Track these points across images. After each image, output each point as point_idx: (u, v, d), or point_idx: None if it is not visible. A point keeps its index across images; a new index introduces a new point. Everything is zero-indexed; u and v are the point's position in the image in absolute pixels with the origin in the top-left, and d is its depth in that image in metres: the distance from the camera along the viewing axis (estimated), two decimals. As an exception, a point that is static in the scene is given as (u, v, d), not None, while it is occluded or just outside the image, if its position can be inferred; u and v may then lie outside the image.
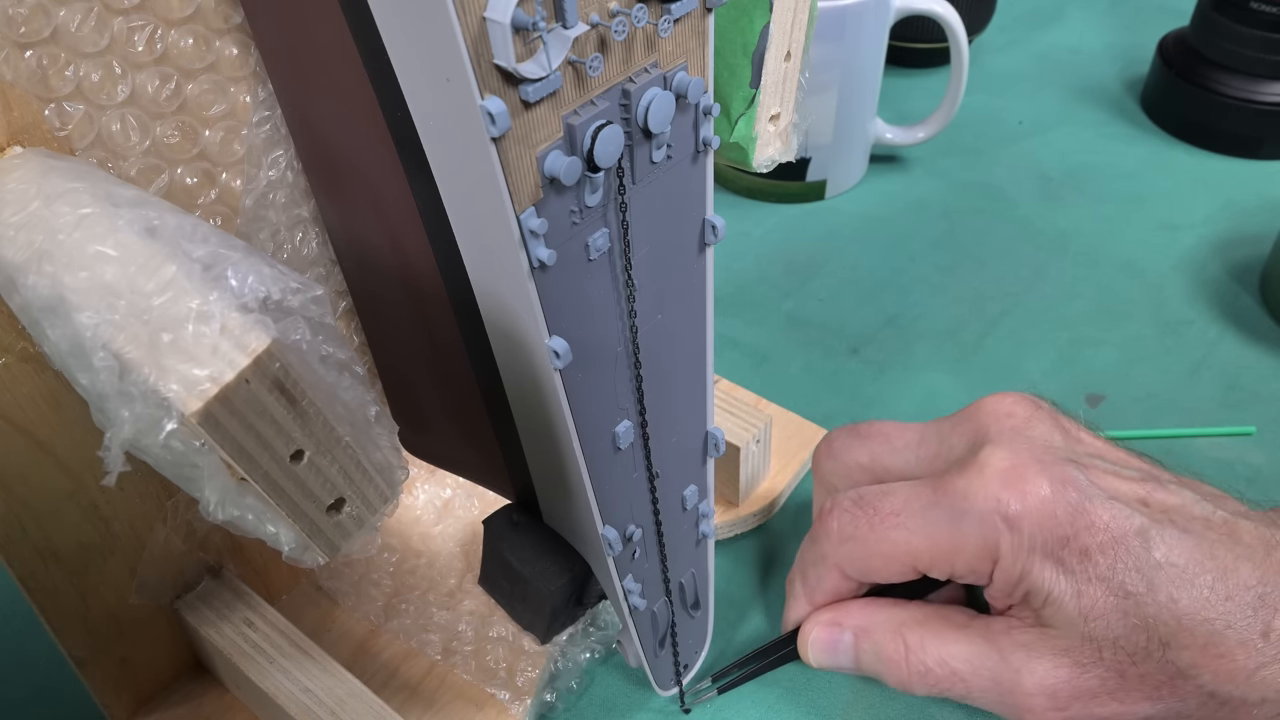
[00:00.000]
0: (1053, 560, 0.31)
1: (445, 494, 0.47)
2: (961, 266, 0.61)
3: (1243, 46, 0.66)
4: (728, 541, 0.47)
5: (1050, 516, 0.31)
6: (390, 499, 0.28)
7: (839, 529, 0.35)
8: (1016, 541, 0.32)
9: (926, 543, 0.33)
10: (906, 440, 0.37)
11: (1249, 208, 0.65)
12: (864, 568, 0.35)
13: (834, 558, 0.36)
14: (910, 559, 0.34)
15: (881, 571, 0.35)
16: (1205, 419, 0.52)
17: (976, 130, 0.72)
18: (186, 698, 0.40)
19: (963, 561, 0.33)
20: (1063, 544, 0.31)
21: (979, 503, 0.32)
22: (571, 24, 0.23)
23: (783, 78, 0.38)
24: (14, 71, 0.27)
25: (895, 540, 0.34)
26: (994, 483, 0.32)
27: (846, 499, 0.35)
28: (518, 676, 0.40)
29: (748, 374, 0.54)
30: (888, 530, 0.34)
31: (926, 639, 0.34)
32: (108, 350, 0.23)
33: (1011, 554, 0.32)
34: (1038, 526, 0.31)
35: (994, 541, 0.32)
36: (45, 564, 0.34)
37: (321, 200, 0.33)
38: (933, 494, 0.33)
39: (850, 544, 0.35)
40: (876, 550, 0.34)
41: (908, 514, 0.34)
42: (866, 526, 0.34)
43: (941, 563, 0.33)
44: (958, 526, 0.32)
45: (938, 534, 0.33)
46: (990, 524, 0.32)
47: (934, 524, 0.33)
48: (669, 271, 0.30)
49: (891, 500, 0.34)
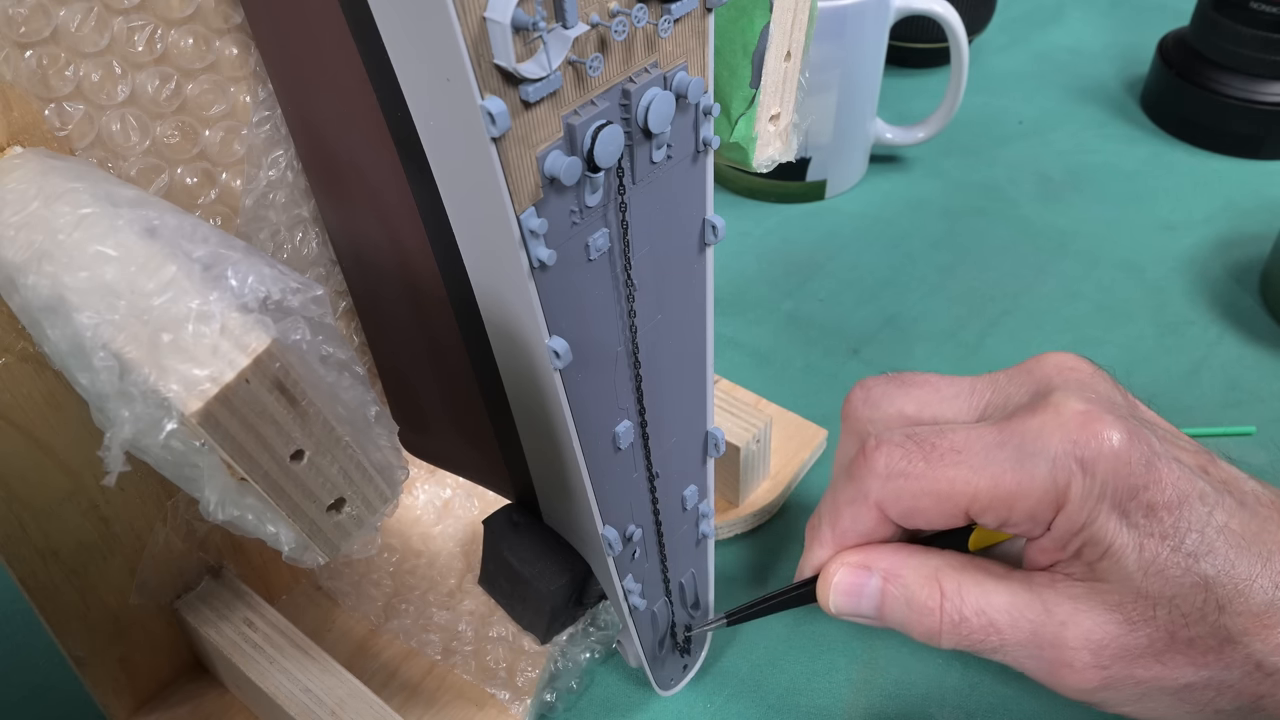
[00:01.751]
0: (1118, 511, 0.30)
1: (445, 494, 0.47)
2: (961, 266, 0.61)
3: (1243, 46, 0.66)
4: (728, 541, 0.47)
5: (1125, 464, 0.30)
6: (390, 499, 0.28)
7: (887, 464, 0.33)
8: (1088, 486, 0.30)
9: (989, 483, 0.31)
10: (957, 389, 0.35)
11: (1249, 208, 0.65)
12: (910, 507, 0.33)
13: (876, 494, 0.33)
14: (967, 500, 0.32)
15: (929, 513, 0.33)
16: (1205, 419, 0.52)
17: (976, 130, 0.72)
18: (186, 698, 0.40)
19: (1024, 506, 0.31)
20: (1131, 495, 0.30)
21: (1054, 443, 0.31)
22: (571, 24, 0.23)
23: (783, 78, 0.38)
24: (14, 71, 0.27)
25: (953, 478, 0.32)
26: (1071, 423, 0.31)
27: (897, 434, 0.33)
28: (518, 676, 0.40)
29: (748, 374, 0.54)
30: (946, 467, 0.32)
31: (965, 585, 0.33)
32: (108, 350, 0.23)
33: (1080, 499, 0.30)
34: (1111, 473, 0.30)
35: (1064, 484, 0.31)
36: (45, 564, 0.34)
37: (321, 200, 0.33)
38: (999, 434, 0.32)
39: (899, 480, 0.33)
40: (930, 488, 0.32)
41: (969, 452, 0.32)
42: (922, 462, 0.32)
43: (999, 506, 0.32)
44: (1026, 467, 0.31)
45: (1003, 474, 0.31)
46: (1064, 466, 0.30)
47: (999, 463, 0.31)
48: (669, 271, 0.30)
49: (952, 437, 0.32)
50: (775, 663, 0.42)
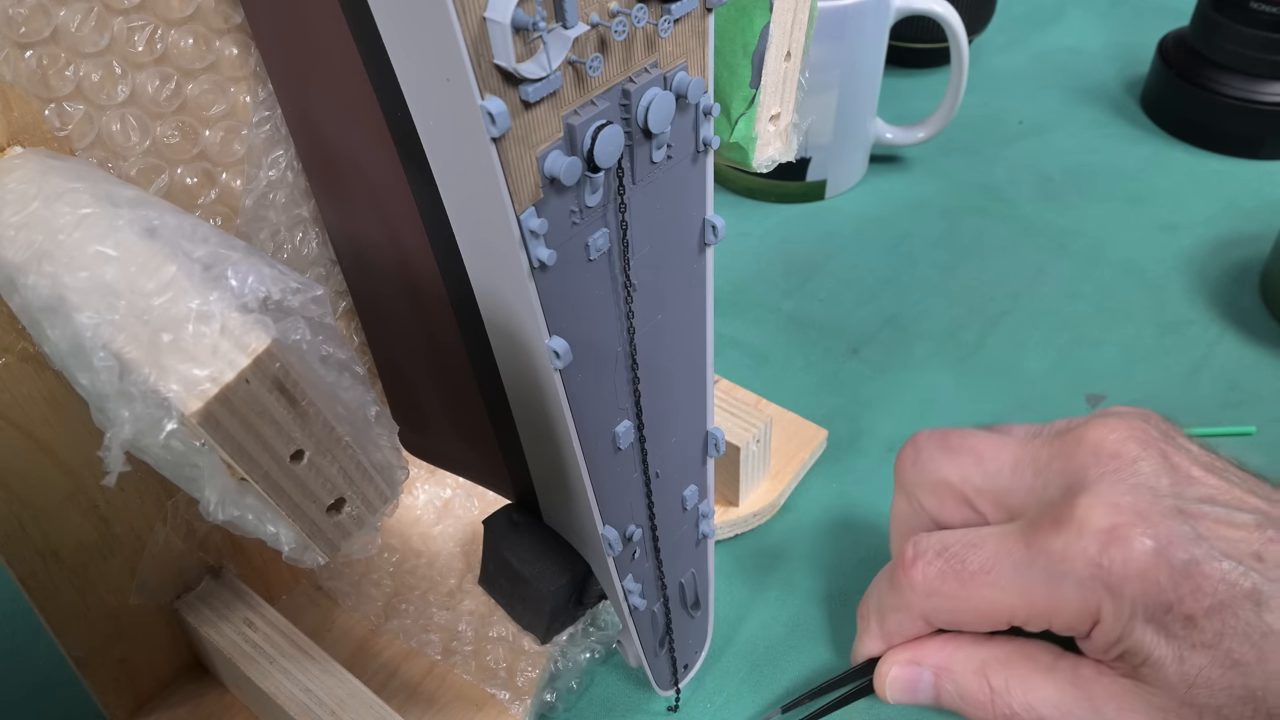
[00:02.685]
0: (1155, 624, 0.30)
1: (445, 494, 0.47)
2: (961, 266, 0.61)
3: (1243, 46, 0.66)
4: (728, 541, 0.47)
5: (1153, 583, 0.30)
6: (390, 499, 0.28)
7: (924, 583, 0.33)
8: (1118, 607, 0.30)
9: (1022, 602, 0.32)
10: (1000, 463, 0.35)
11: (1249, 208, 0.65)
12: (953, 621, 0.34)
13: (919, 609, 0.34)
14: (1005, 617, 0.32)
15: (972, 625, 0.34)
16: (1205, 419, 0.52)
17: (976, 130, 0.72)
18: (186, 698, 0.40)
19: (1061, 621, 0.31)
20: (1166, 609, 0.30)
21: (1077, 567, 0.30)
22: (571, 24, 0.23)
23: (783, 78, 0.38)
24: (14, 71, 0.27)
25: (988, 598, 0.32)
26: (1092, 545, 0.30)
27: (930, 549, 0.34)
28: (518, 676, 0.40)
29: (748, 374, 0.54)
30: (978, 589, 0.32)
31: (1012, 682, 0.33)
32: (108, 350, 0.23)
33: (1112, 619, 0.30)
34: (1140, 592, 0.30)
35: (1094, 605, 0.30)
36: (45, 564, 0.34)
37: (321, 200, 0.33)
38: (1026, 551, 0.32)
39: (937, 599, 0.33)
40: (967, 607, 0.33)
41: (999, 572, 0.32)
42: (956, 584, 0.33)
43: (1038, 620, 0.32)
44: (1055, 588, 0.31)
45: (1034, 594, 0.31)
46: (1090, 589, 0.30)
47: (1029, 583, 0.31)
48: (669, 271, 0.30)
49: (980, 555, 0.33)
50: (775, 663, 0.42)
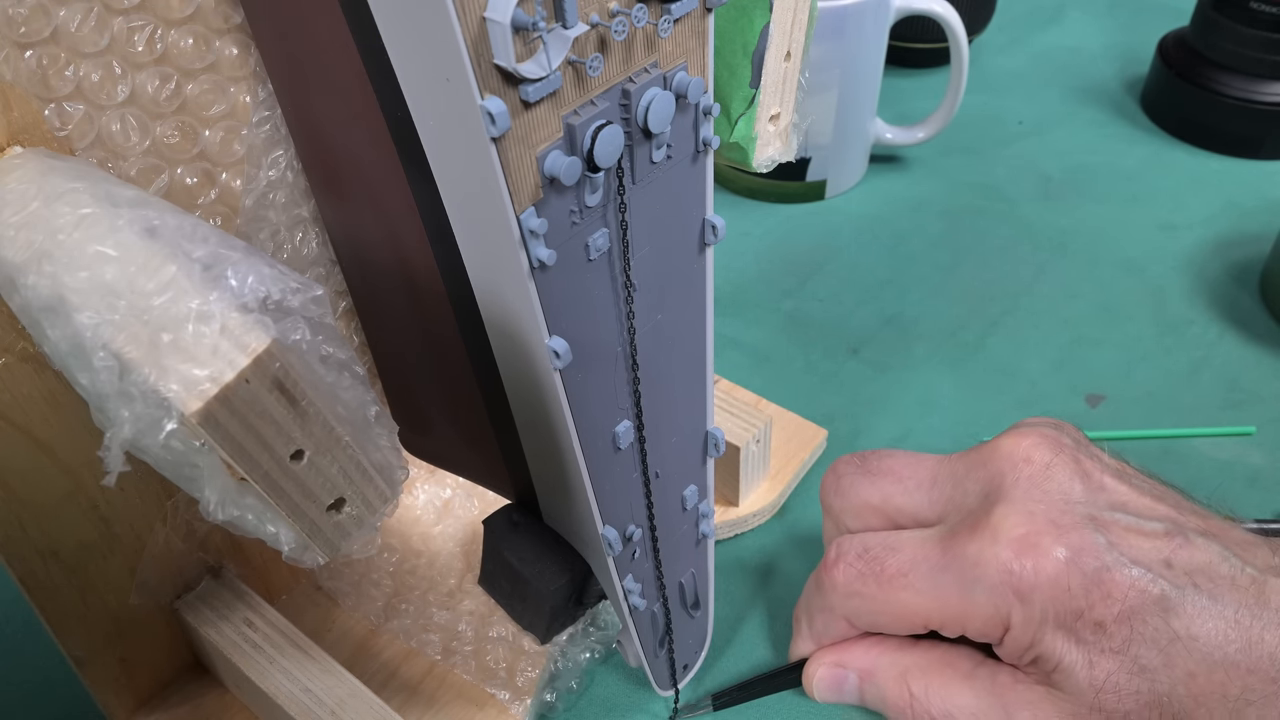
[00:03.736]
0: (1065, 631, 0.31)
1: (445, 494, 0.47)
2: (961, 266, 0.61)
3: (1243, 46, 0.66)
4: (728, 541, 0.47)
5: (1064, 590, 0.30)
6: (390, 499, 0.28)
7: (844, 584, 0.34)
8: (1028, 613, 0.31)
9: (936, 605, 0.33)
10: (919, 479, 0.36)
11: (1249, 208, 0.65)
12: (873, 623, 0.35)
13: (840, 610, 0.35)
14: (920, 619, 0.33)
15: (890, 627, 0.35)
16: (1205, 419, 0.52)
17: (976, 130, 0.72)
18: (186, 698, 0.40)
19: (973, 627, 0.32)
20: (1076, 616, 0.30)
21: (990, 573, 0.31)
22: (571, 24, 0.23)
23: (783, 78, 0.38)
24: (14, 71, 0.27)
25: (904, 601, 0.33)
26: (1005, 552, 0.31)
27: (852, 551, 0.35)
28: (518, 676, 0.40)
29: (748, 374, 0.54)
30: (895, 591, 0.33)
31: (931, 689, 0.34)
32: (108, 350, 0.23)
33: (1022, 625, 0.31)
34: (1050, 599, 0.31)
35: (1005, 612, 0.31)
36: (45, 564, 0.34)
37: (321, 200, 0.33)
38: (941, 556, 0.33)
39: (856, 600, 0.34)
40: (884, 609, 0.34)
41: (915, 575, 0.33)
42: (874, 585, 0.34)
43: (951, 625, 0.33)
44: (968, 594, 0.32)
45: (947, 599, 0.32)
46: (1001, 595, 0.31)
47: (943, 588, 0.32)
48: (669, 271, 0.30)
49: (898, 559, 0.33)
50: (775, 663, 0.42)
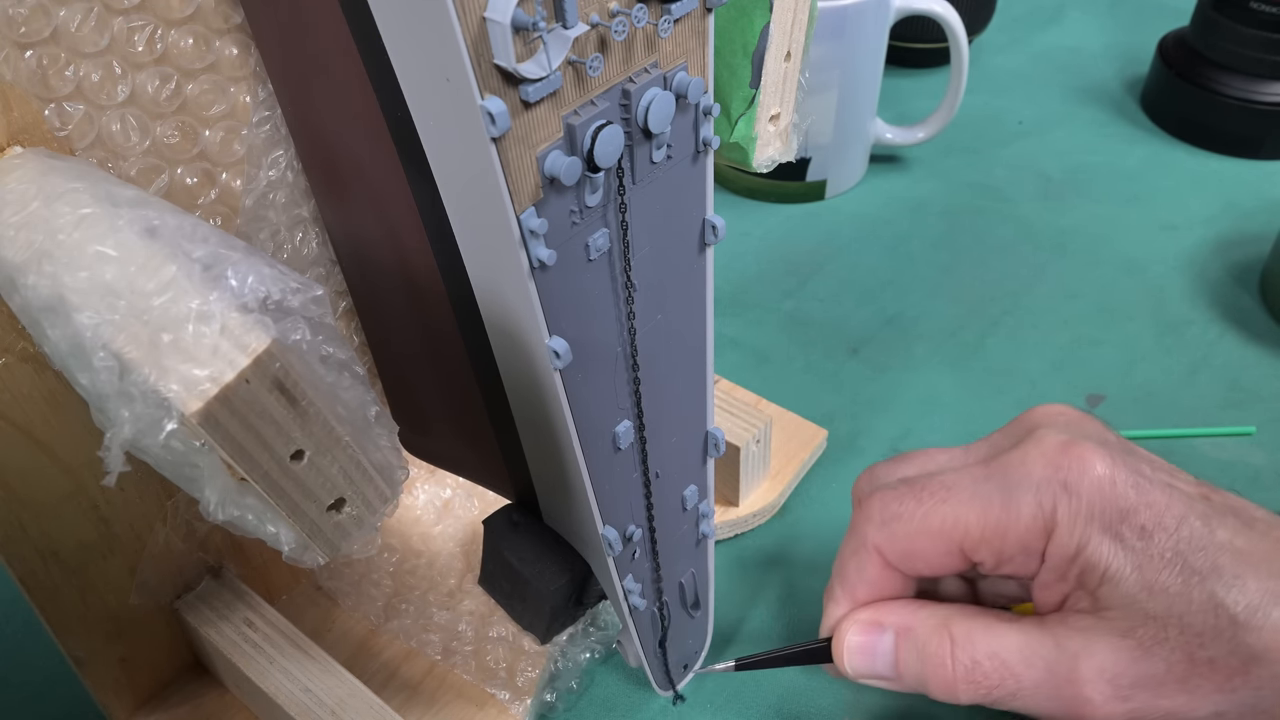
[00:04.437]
0: (1111, 534, 0.30)
1: (445, 494, 0.47)
2: (961, 266, 0.61)
3: (1243, 46, 0.66)
4: (728, 541, 0.47)
5: (1110, 484, 0.30)
6: (390, 499, 0.28)
7: (881, 509, 0.33)
8: (1074, 507, 0.30)
9: (978, 516, 0.32)
10: (952, 454, 0.35)
11: (1249, 208, 0.65)
12: (906, 549, 0.33)
13: (874, 539, 0.33)
14: (959, 535, 0.32)
15: (926, 553, 0.33)
16: (1205, 419, 0.52)
17: (976, 130, 0.72)
18: (186, 698, 0.40)
19: (1015, 536, 0.31)
20: (1122, 517, 0.30)
21: (1036, 470, 0.31)
22: (571, 24, 0.23)
23: (783, 78, 0.38)
24: (14, 71, 0.27)
25: (944, 515, 0.32)
26: (1052, 451, 0.31)
27: (889, 483, 0.34)
28: (518, 676, 0.40)
29: (748, 374, 0.54)
30: (936, 504, 0.32)
31: (975, 631, 0.32)
32: (108, 350, 0.23)
33: (1069, 521, 0.30)
34: (1097, 494, 0.30)
35: (1050, 509, 0.31)
36: (45, 564, 0.34)
37: (321, 200, 0.33)
38: (985, 469, 0.32)
39: (894, 523, 0.33)
40: (923, 527, 0.32)
41: (958, 488, 0.32)
42: (913, 502, 0.33)
43: (992, 538, 0.32)
44: (1012, 496, 0.31)
45: (990, 506, 0.31)
46: (1047, 490, 0.31)
47: (986, 496, 0.32)
48: (669, 271, 0.30)
49: (941, 478, 0.33)
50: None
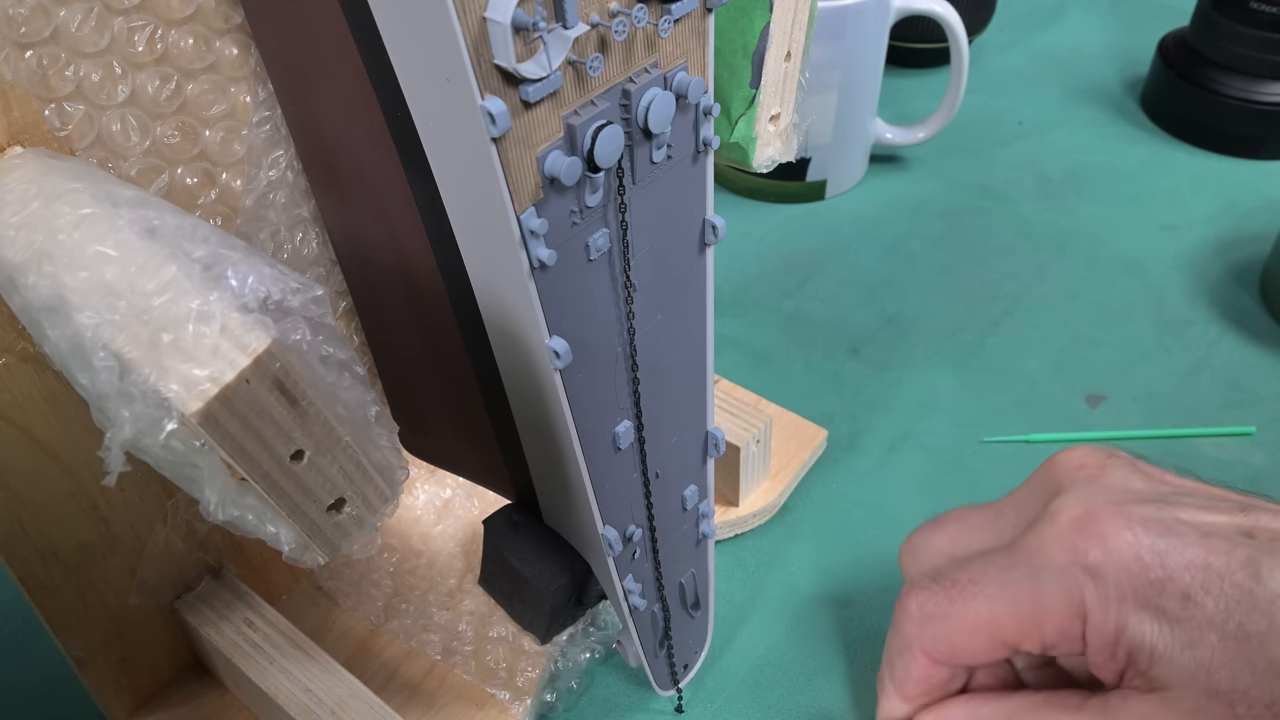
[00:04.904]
0: (1150, 609, 0.28)
1: (445, 494, 0.47)
2: (961, 266, 0.61)
3: (1243, 46, 0.66)
4: (728, 541, 0.47)
5: (1136, 559, 0.28)
6: (390, 499, 0.28)
7: (918, 609, 0.32)
8: (1102, 591, 0.29)
9: (1010, 608, 0.30)
10: (984, 516, 0.34)
11: (1249, 208, 0.65)
12: (949, 647, 0.32)
13: (918, 641, 0.33)
14: (996, 629, 0.31)
15: (968, 649, 0.32)
16: (1205, 419, 0.52)
17: (976, 130, 0.72)
18: (186, 698, 0.40)
19: (1051, 625, 0.30)
20: (1158, 589, 0.28)
21: (1055, 555, 0.29)
22: (572, 24, 0.23)
23: (783, 78, 0.38)
24: (14, 71, 0.27)
25: (978, 611, 0.31)
26: (1068, 531, 0.29)
27: (924, 578, 0.33)
28: (518, 676, 0.40)
29: (748, 374, 0.54)
30: (968, 600, 0.31)
31: None
32: (108, 350, 0.23)
33: (1100, 606, 0.29)
34: (1124, 572, 0.28)
35: (1078, 595, 0.29)
36: (45, 564, 0.34)
37: (321, 200, 0.33)
38: (1008, 556, 0.31)
39: (932, 623, 0.32)
40: (960, 625, 0.31)
41: (985, 580, 0.31)
42: (946, 601, 0.32)
43: (1030, 630, 0.30)
44: (1039, 585, 0.30)
45: (1021, 598, 0.30)
46: (1070, 576, 0.29)
47: (1013, 586, 0.30)
48: (669, 271, 0.30)
49: (969, 570, 0.32)
50: (775, 663, 0.42)
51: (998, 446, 0.51)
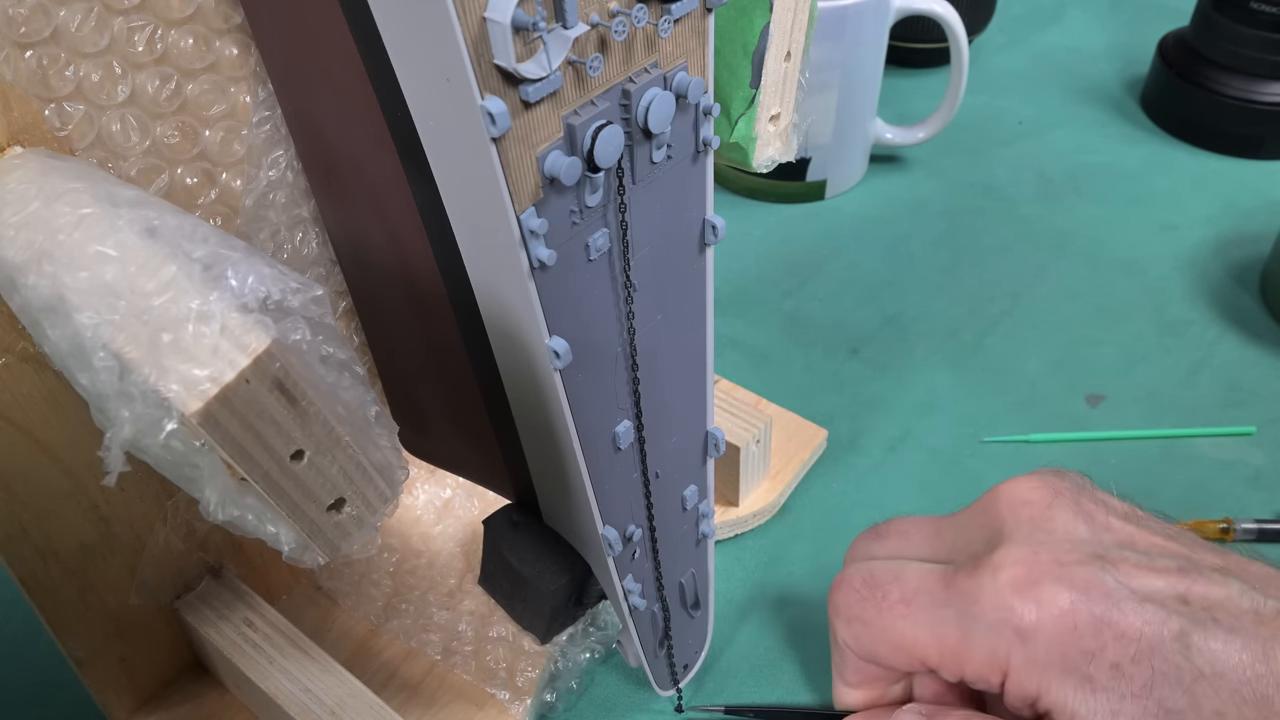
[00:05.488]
0: (1077, 677, 0.29)
1: (445, 494, 0.47)
2: (961, 266, 0.61)
3: (1243, 46, 0.66)
4: (728, 541, 0.47)
5: (1070, 629, 0.29)
6: (390, 499, 0.28)
7: (845, 608, 0.33)
8: (1029, 655, 0.29)
9: (935, 641, 0.31)
10: (924, 534, 0.35)
11: (1249, 208, 0.65)
12: (870, 652, 0.33)
13: (841, 635, 0.34)
14: (918, 652, 0.32)
15: (888, 660, 0.33)
16: (1205, 419, 0.52)
17: (976, 130, 0.72)
18: (186, 698, 0.40)
19: (972, 669, 0.31)
20: (1088, 658, 0.28)
21: (988, 610, 0.30)
22: (571, 24, 0.23)
23: (783, 78, 0.38)
24: (14, 71, 0.27)
25: (901, 632, 0.32)
26: (1006, 589, 0.29)
27: (857, 576, 0.33)
28: (518, 676, 0.40)
29: (748, 374, 0.54)
30: (894, 620, 0.32)
31: None
32: (108, 350, 0.23)
33: (1024, 668, 0.29)
34: (1055, 640, 0.29)
35: (1004, 654, 0.29)
36: (45, 564, 0.34)
37: (321, 200, 0.33)
38: (944, 590, 0.31)
39: (856, 626, 0.33)
40: (882, 637, 0.32)
41: (916, 606, 0.32)
42: (874, 610, 0.32)
43: (949, 663, 0.31)
44: (966, 632, 0.30)
45: (946, 635, 0.31)
46: (1000, 634, 0.29)
47: (942, 623, 0.31)
48: (669, 271, 0.30)
49: (901, 587, 0.32)
50: (775, 663, 0.42)
51: (998, 446, 0.51)
